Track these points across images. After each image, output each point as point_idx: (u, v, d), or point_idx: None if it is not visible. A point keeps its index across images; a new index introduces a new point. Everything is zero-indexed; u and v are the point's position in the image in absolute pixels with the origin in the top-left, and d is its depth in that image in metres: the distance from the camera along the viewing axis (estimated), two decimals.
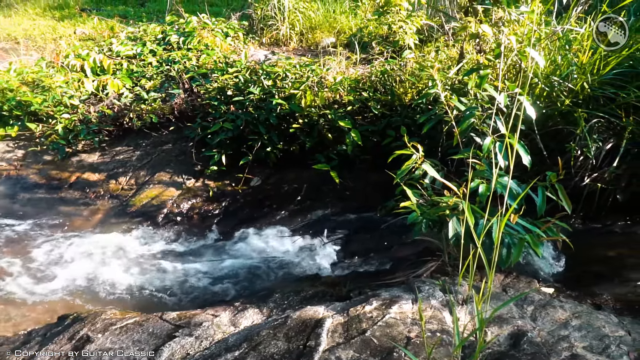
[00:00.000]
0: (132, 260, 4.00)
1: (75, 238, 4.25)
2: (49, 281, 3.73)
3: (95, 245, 4.16)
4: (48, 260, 3.96)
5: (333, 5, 7.67)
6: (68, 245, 4.16)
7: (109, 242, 4.21)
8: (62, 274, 3.82)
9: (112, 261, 3.97)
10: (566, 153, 3.73)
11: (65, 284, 3.71)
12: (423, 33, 6.19)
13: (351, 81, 4.89)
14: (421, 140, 3.80)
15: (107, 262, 3.96)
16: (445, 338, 2.35)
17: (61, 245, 4.15)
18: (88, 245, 4.15)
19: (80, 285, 3.70)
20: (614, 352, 2.30)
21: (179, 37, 6.58)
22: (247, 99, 4.77)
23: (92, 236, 4.28)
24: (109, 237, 4.28)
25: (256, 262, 3.97)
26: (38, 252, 4.05)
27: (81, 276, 3.80)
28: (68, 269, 3.87)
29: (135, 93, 5.56)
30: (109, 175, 5.00)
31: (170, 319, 2.85)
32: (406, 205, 2.89)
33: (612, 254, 3.56)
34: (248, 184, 4.78)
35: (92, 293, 3.64)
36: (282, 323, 2.57)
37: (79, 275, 3.80)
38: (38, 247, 4.12)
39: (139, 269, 3.90)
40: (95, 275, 3.81)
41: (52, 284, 3.70)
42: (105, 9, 10.03)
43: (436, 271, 3.23)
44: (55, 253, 4.06)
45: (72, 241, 4.21)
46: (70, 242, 4.20)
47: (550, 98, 3.87)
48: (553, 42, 4.07)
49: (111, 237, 4.28)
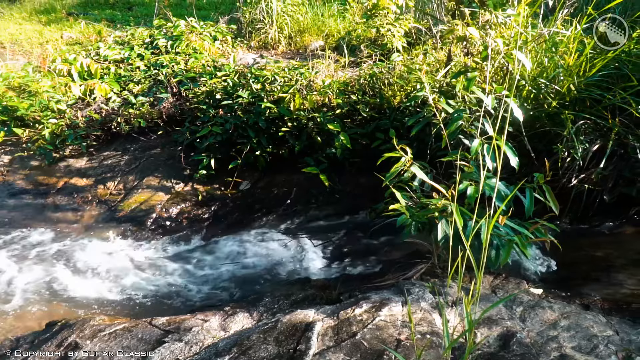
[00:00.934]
0: (121, 265, 3.97)
1: (63, 244, 4.21)
2: (37, 287, 3.69)
3: (84, 250, 4.12)
4: (35, 267, 3.92)
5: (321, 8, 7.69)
6: (56, 251, 4.12)
7: (98, 247, 4.18)
8: (50, 280, 3.78)
9: (100, 267, 3.94)
10: (554, 154, 3.76)
11: (53, 290, 3.67)
12: (411, 36, 6.21)
13: (340, 84, 4.90)
14: (410, 143, 3.82)
15: (96, 267, 3.93)
16: (435, 340, 2.35)
17: (49, 251, 4.11)
18: (75, 251, 4.11)
19: (68, 292, 3.67)
20: (602, 352, 2.32)
21: (167, 41, 6.56)
22: (236, 102, 4.76)
23: (80, 242, 4.25)
24: (97, 242, 4.25)
25: (246, 266, 3.96)
26: (25, 259, 4.01)
27: (69, 282, 3.76)
28: (56, 275, 3.83)
29: (123, 97, 5.53)
30: (97, 180, 4.97)
31: (160, 325, 2.83)
32: (395, 208, 2.89)
33: (599, 255, 3.59)
34: (237, 187, 4.77)
35: (80, 299, 3.61)
36: (272, 327, 2.57)
37: (67, 282, 3.77)
38: (25, 253, 4.08)
39: (128, 274, 3.87)
40: (83, 281, 3.78)
41: (40, 290, 3.66)
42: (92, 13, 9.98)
43: (426, 273, 3.24)
44: (43, 259, 4.02)
45: (60, 247, 4.17)
46: (58, 247, 4.16)
47: (538, 100, 3.90)
48: (540, 44, 4.10)
49: (99, 242, 4.25)
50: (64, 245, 4.19)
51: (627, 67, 3.73)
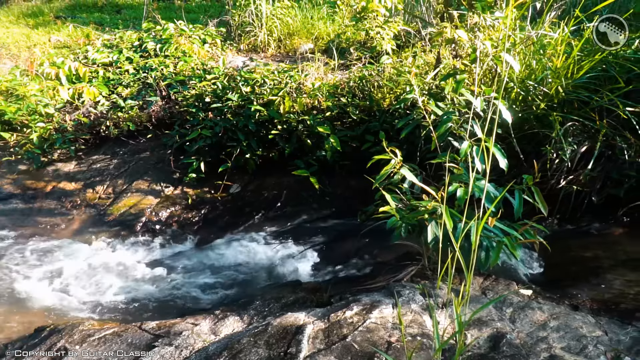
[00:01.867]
0: (111, 270, 3.94)
1: (52, 248, 4.18)
2: (25, 292, 3.66)
3: (72, 255, 4.09)
4: (24, 272, 3.88)
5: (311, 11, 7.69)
6: (44, 255, 4.09)
7: (86, 252, 4.15)
8: (39, 285, 3.75)
9: (89, 271, 3.91)
10: (542, 156, 3.78)
11: (42, 295, 3.64)
12: (400, 39, 6.23)
13: (330, 87, 4.90)
14: (400, 145, 3.83)
15: (85, 272, 3.90)
16: (425, 342, 2.36)
17: (37, 256, 4.08)
18: (64, 256, 4.08)
19: (57, 296, 3.64)
20: (591, 352, 2.33)
21: (156, 44, 6.54)
22: (226, 105, 4.75)
23: (69, 246, 4.21)
24: (86, 247, 4.22)
25: (236, 270, 3.95)
26: (13, 264, 3.97)
27: (58, 287, 3.73)
28: (44, 279, 3.80)
29: (112, 101, 5.50)
30: (86, 184, 4.94)
31: (150, 329, 2.82)
32: (385, 210, 2.90)
33: (588, 255, 3.61)
34: (227, 191, 4.76)
35: (69, 304, 3.58)
36: (262, 330, 2.56)
37: (56, 286, 3.74)
38: (13, 258, 4.04)
39: (117, 278, 3.85)
40: (72, 286, 3.75)
41: (29, 295, 3.63)
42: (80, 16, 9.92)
43: (416, 275, 3.24)
44: (32, 264, 3.98)
45: (48, 252, 4.14)
46: (46, 252, 4.13)
47: (526, 102, 3.92)
48: (528, 46, 4.13)
49: (88, 246, 4.22)
50: (53, 250, 4.16)
51: (614, 69, 3.76)
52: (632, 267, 3.36)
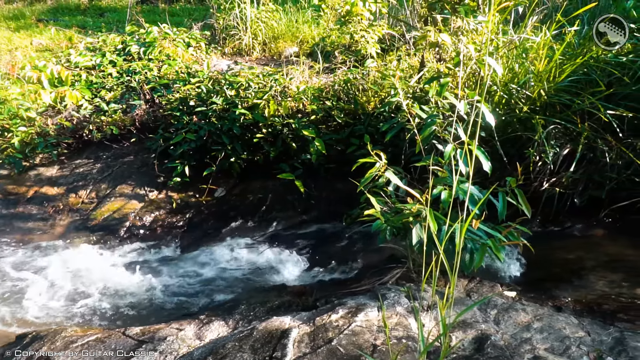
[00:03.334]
0: (94, 275, 3.90)
1: (34, 254, 4.13)
2: (6, 299, 3.61)
3: (55, 261, 4.04)
4: (5, 278, 3.83)
5: (296, 14, 7.69)
6: (26, 261, 4.04)
7: (69, 257, 4.10)
8: (20, 291, 3.70)
9: (72, 277, 3.87)
10: (525, 159, 3.81)
11: (24, 302, 3.59)
12: (385, 42, 6.26)
13: (314, 90, 4.91)
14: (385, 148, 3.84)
15: (68, 277, 3.86)
16: (410, 344, 2.36)
17: (19, 262, 4.02)
18: (47, 261, 4.03)
19: (39, 303, 3.59)
20: (574, 353, 2.35)
21: (140, 47, 6.49)
22: (210, 109, 4.73)
23: (51, 252, 4.17)
24: (69, 252, 4.17)
25: (222, 274, 3.92)
26: None
27: (40, 293, 3.68)
28: (26, 286, 3.75)
29: (95, 104, 5.45)
30: (69, 189, 4.88)
31: (134, 334, 2.79)
32: (370, 213, 2.90)
33: (571, 257, 3.64)
34: (212, 194, 4.74)
35: (51, 310, 3.53)
36: (247, 335, 2.55)
37: (38, 293, 3.69)
38: None
39: (101, 284, 3.81)
40: (55, 292, 3.70)
41: (10, 302, 3.57)
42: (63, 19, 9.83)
43: (401, 278, 3.25)
44: (13, 270, 3.93)
45: (30, 257, 4.08)
46: (28, 258, 4.08)
47: (509, 105, 3.96)
48: (510, 50, 4.16)
49: (71, 252, 4.17)
50: (35, 256, 4.11)
51: (595, 72, 3.81)
52: (613, 268, 3.40)
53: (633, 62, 3.71)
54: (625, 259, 3.54)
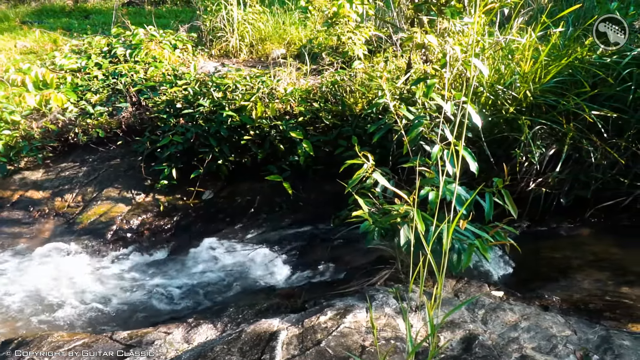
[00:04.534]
0: (81, 279, 3.86)
1: (19, 259, 4.08)
2: None
3: (41, 265, 4.00)
4: None
5: (283, 16, 7.69)
6: (11, 266, 3.99)
7: (55, 261, 4.06)
8: (6, 296, 3.65)
9: (59, 281, 3.83)
10: (512, 159, 3.84)
11: (9, 307, 3.54)
12: (372, 44, 6.27)
13: (302, 92, 4.90)
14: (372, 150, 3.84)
15: (54, 282, 3.81)
16: (399, 345, 2.36)
17: (4, 267, 3.97)
18: (33, 266, 3.98)
19: (25, 308, 3.55)
20: (561, 352, 2.37)
21: (126, 49, 6.45)
22: (197, 111, 4.71)
23: (37, 256, 4.12)
24: (55, 256, 4.12)
25: (210, 277, 3.90)
26: None
27: (26, 298, 3.64)
28: (12, 291, 3.71)
29: (81, 107, 5.41)
30: (54, 192, 4.84)
31: (121, 339, 2.77)
32: (358, 215, 2.90)
33: (557, 256, 3.67)
34: (200, 197, 4.72)
35: (38, 315, 3.49)
36: (236, 337, 2.54)
37: (24, 297, 3.64)
38: None
39: (87, 288, 3.77)
40: (41, 297, 3.66)
41: None
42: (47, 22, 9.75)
43: (390, 279, 3.26)
44: None
45: (16, 262, 4.04)
46: (14, 263, 4.03)
47: (496, 106, 3.98)
48: (496, 51, 4.19)
49: (57, 256, 4.13)
50: (21, 260, 4.06)
51: (580, 73, 3.84)
52: (599, 267, 3.43)
53: (617, 63, 3.75)
54: (611, 258, 3.57)
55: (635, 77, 3.55)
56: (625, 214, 3.93)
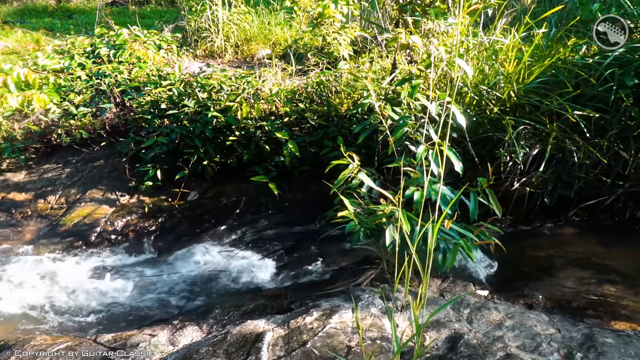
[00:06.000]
0: (64, 282, 3.82)
1: (1, 261, 4.02)
2: None
3: (24, 268, 3.95)
4: None
5: (268, 17, 7.67)
6: None
7: (39, 264, 4.01)
8: None
9: (42, 284, 3.78)
10: (496, 159, 3.86)
11: None
12: (357, 44, 6.28)
13: (287, 92, 4.90)
14: (358, 150, 3.85)
15: (37, 285, 3.77)
16: (385, 345, 2.37)
17: None
18: (15, 269, 3.93)
19: (7, 311, 3.50)
20: (545, 350, 2.39)
21: (110, 49, 6.40)
22: (182, 112, 4.68)
23: (19, 259, 4.06)
24: (38, 259, 4.07)
25: (195, 279, 3.88)
26: None
27: (8, 301, 3.59)
28: None
29: (64, 108, 5.35)
30: (37, 194, 4.78)
31: (105, 342, 2.74)
32: (344, 215, 2.91)
33: (541, 255, 3.70)
34: (185, 198, 4.69)
35: (20, 319, 3.44)
36: (221, 339, 2.52)
37: (6, 301, 3.59)
38: None
39: (71, 291, 3.73)
40: (24, 300, 3.61)
41: None
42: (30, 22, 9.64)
43: (376, 279, 3.26)
44: None
45: None
46: None
47: (480, 106, 4.01)
48: (480, 52, 4.22)
49: (41, 258, 4.08)
50: (2, 263, 4.00)
51: (563, 74, 3.88)
52: (582, 266, 3.47)
53: (599, 63, 3.79)
54: (593, 257, 3.62)
55: (617, 77, 3.59)
56: (608, 213, 3.98)
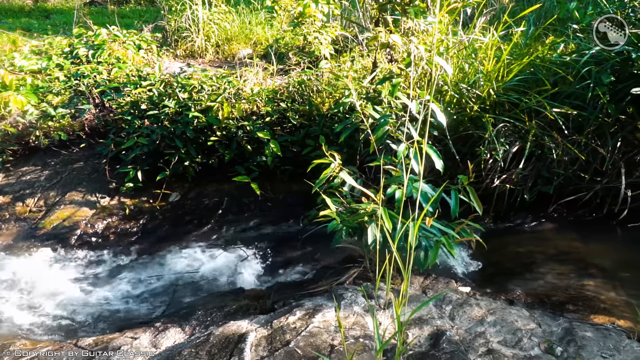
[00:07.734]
0: (44, 286, 3.77)
1: None
2: None
3: (1, 272, 3.88)
4: None
5: (249, 16, 7.64)
6: None
7: (17, 268, 3.95)
8: None
9: (20, 288, 3.73)
10: (477, 157, 3.90)
11: None
12: (338, 43, 6.29)
13: (269, 92, 4.88)
14: (340, 149, 3.86)
15: (15, 289, 3.72)
16: (368, 343, 2.37)
17: None
18: None
19: None
20: (526, 345, 2.42)
21: (88, 50, 6.31)
22: (162, 112, 4.64)
23: None
24: (17, 262, 4.01)
25: (178, 280, 3.86)
26: None
27: None
28: None
29: (42, 110, 5.27)
30: (15, 197, 4.70)
31: (86, 345, 2.71)
32: (326, 214, 2.91)
33: (522, 251, 3.75)
34: (167, 199, 4.65)
35: None
36: (204, 340, 2.51)
37: None
38: None
39: (51, 294, 3.68)
40: (2, 305, 3.55)
41: None
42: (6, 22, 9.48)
43: (359, 277, 3.27)
44: None
45: None
46: None
47: (460, 104, 4.04)
48: (460, 51, 4.25)
49: (19, 262, 4.02)
50: None
51: (541, 72, 3.93)
52: (561, 261, 3.52)
53: (576, 61, 3.84)
54: (573, 252, 3.67)
55: (594, 75, 3.64)
56: (586, 208, 4.04)
